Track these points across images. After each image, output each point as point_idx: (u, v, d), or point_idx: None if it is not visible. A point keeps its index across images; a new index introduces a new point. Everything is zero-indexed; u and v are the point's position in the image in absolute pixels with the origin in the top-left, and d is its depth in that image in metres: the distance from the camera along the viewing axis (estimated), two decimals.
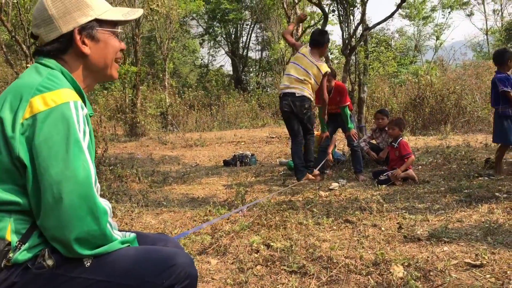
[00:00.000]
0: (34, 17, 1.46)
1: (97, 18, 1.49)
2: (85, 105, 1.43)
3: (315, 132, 6.61)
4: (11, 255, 1.27)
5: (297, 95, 5.35)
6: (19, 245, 1.28)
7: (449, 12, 26.18)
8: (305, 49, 5.56)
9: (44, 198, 1.25)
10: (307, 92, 5.42)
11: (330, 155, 6.53)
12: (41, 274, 1.29)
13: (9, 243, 1.27)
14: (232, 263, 2.87)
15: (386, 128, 6.05)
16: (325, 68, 5.47)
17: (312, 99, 5.52)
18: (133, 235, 1.53)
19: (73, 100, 1.33)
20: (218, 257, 3.00)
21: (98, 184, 1.39)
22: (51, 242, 1.30)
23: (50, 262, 1.30)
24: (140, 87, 13.60)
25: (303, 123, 5.53)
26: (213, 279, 2.64)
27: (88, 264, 1.33)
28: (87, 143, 1.33)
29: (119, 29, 1.59)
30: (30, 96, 1.30)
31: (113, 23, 1.55)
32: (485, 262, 2.58)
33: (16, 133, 1.26)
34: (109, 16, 1.52)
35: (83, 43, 1.47)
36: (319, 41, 5.55)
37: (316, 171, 5.81)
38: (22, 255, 1.28)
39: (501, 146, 5.36)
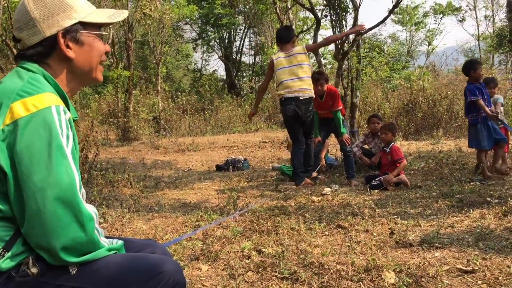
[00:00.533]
0: (16, 20, 1.42)
1: (81, 21, 1.45)
2: (69, 109, 1.40)
3: None
4: None
5: (301, 98, 5.28)
6: (3, 253, 1.25)
7: (441, 18, 26.41)
8: (277, 54, 5.53)
9: (27, 206, 1.22)
10: (310, 91, 5.39)
11: (323, 160, 6.53)
12: (25, 282, 1.26)
13: None
14: (223, 269, 2.84)
15: (379, 133, 6.06)
16: (300, 46, 5.47)
17: (313, 96, 5.50)
18: (120, 242, 1.51)
19: (55, 105, 1.29)
20: (209, 263, 2.97)
21: (83, 190, 1.36)
22: (36, 250, 1.27)
23: (34, 270, 1.27)
24: (133, 92, 13.55)
25: (305, 126, 5.48)
26: (203, 285, 2.62)
27: (74, 271, 1.30)
28: (70, 149, 1.30)
29: (104, 32, 1.56)
30: (11, 102, 1.26)
31: (98, 26, 1.51)
32: (477, 268, 2.58)
33: None
34: (94, 18, 1.48)
35: (68, 46, 1.43)
36: (288, 35, 5.48)
37: (314, 173, 5.85)
38: (5, 263, 1.25)
39: (478, 152, 5.59)
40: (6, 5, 6.96)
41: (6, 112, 1.25)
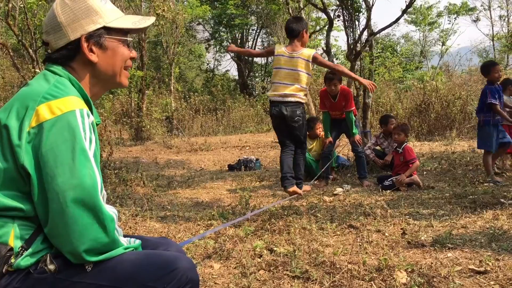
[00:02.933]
0: (45, 24, 1.47)
1: (106, 26, 1.48)
2: (92, 113, 1.44)
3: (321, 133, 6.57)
4: (13, 260, 1.27)
5: (287, 101, 4.49)
6: (22, 251, 1.29)
7: (455, 18, 26.14)
8: (281, 48, 4.66)
9: (51, 207, 1.26)
10: (299, 97, 4.54)
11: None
12: (43, 279, 1.30)
13: (11, 249, 1.27)
14: (235, 268, 2.87)
15: (392, 134, 6.03)
16: (308, 52, 4.55)
17: (305, 102, 4.67)
18: (138, 241, 1.54)
19: (79, 108, 1.33)
20: (221, 261, 3.00)
21: (104, 192, 1.40)
22: (59, 249, 1.31)
23: (51, 267, 1.30)
24: (146, 92, 13.63)
25: (293, 132, 4.59)
26: (215, 283, 2.64)
27: (90, 269, 1.33)
28: (93, 151, 1.34)
29: (129, 38, 1.58)
30: (36, 104, 1.30)
31: (124, 32, 1.55)
32: (489, 269, 2.57)
33: (22, 142, 1.27)
34: (118, 24, 1.51)
35: (91, 50, 1.47)
36: (295, 30, 4.56)
37: (307, 187, 5.10)
38: (24, 260, 1.28)
39: (484, 154, 5.61)
40: (22, 5, 7.06)
41: (32, 114, 1.29)
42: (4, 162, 1.29)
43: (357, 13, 7.62)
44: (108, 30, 1.49)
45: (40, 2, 7.16)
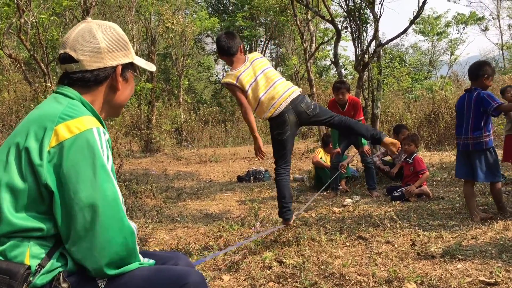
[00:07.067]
0: (79, 43, 1.49)
1: (132, 62, 1.61)
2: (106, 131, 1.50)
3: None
4: (31, 279, 1.30)
5: (294, 98, 3.58)
6: (39, 269, 1.32)
7: (464, 28, 26.13)
8: (233, 72, 3.70)
9: (75, 222, 1.30)
10: (296, 89, 3.67)
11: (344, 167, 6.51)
12: None
13: (29, 267, 1.30)
14: (244, 280, 2.88)
15: (402, 144, 6.00)
16: (256, 52, 3.36)
17: (302, 93, 3.68)
18: (152, 261, 1.57)
19: (96, 127, 1.39)
20: (231, 273, 3.01)
21: (123, 206, 1.44)
22: (81, 263, 1.35)
23: (65, 285, 1.33)
24: (156, 104, 13.76)
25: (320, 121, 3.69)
26: None
27: (103, 285, 1.37)
28: (110, 166, 1.40)
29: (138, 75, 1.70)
30: (54, 125, 1.35)
31: (134, 69, 1.67)
32: (500, 280, 2.56)
33: (43, 161, 1.32)
34: (138, 62, 1.65)
35: (118, 80, 1.57)
36: (234, 47, 3.71)
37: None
38: (40, 279, 1.32)
39: (492, 185, 4.19)
40: (34, 21, 7.18)
41: (51, 135, 1.34)
42: (25, 183, 1.33)
43: (365, 25, 7.66)
44: (132, 65, 1.63)
45: (52, 18, 7.29)
